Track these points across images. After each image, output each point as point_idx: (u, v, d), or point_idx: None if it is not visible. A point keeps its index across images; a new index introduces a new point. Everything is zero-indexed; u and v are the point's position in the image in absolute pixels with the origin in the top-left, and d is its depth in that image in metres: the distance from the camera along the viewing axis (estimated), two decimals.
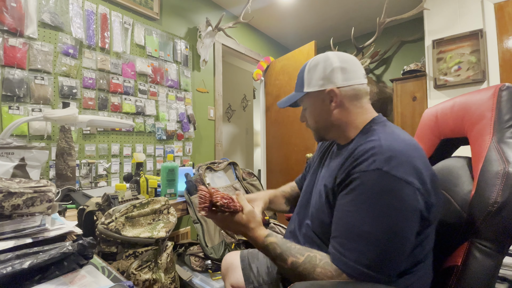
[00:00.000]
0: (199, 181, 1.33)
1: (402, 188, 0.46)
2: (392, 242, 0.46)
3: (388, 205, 0.46)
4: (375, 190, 0.47)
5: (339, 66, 0.61)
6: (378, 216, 0.46)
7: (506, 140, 0.50)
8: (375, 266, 0.46)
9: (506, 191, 0.44)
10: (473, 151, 0.57)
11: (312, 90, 0.63)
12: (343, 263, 0.48)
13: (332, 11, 2.63)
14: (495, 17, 1.85)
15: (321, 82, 0.62)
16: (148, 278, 0.78)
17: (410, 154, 0.49)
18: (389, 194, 0.46)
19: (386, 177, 0.46)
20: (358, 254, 0.47)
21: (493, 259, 0.46)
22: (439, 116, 0.72)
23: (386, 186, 0.46)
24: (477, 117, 0.57)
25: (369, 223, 0.47)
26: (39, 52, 1.35)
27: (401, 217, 0.46)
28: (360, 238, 0.47)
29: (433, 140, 0.74)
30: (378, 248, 0.46)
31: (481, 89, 0.60)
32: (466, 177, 0.59)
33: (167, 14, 2.02)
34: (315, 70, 0.63)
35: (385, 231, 0.46)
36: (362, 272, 0.46)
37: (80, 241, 0.49)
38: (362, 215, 0.48)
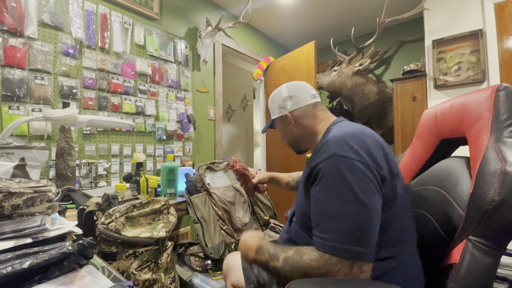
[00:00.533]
0: (199, 181, 1.33)
1: (356, 166, 0.53)
2: (359, 214, 0.51)
3: (347, 183, 0.52)
4: (334, 173, 0.54)
5: (287, 95, 0.78)
6: (342, 194, 0.52)
7: (504, 140, 0.51)
8: (351, 240, 0.50)
9: (504, 189, 0.45)
10: (472, 151, 0.58)
11: (275, 117, 0.82)
12: (323, 245, 0.52)
13: (332, 11, 2.63)
14: (495, 17, 1.85)
15: (279, 110, 0.80)
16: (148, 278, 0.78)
17: (358, 137, 0.57)
18: (347, 173, 0.53)
19: (340, 159, 0.54)
20: (333, 233, 0.51)
21: (491, 257, 0.47)
22: (438, 116, 0.73)
23: (342, 166, 0.53)
24: (475, 117, 0.58)
25: (336, 202, 0.53)
26: (39, 52, 1.35)
27: (361, 190, 0.51)
28: (332, 219, 0.52)
29: (432, 141, 0.75)
30: (349, 222, 0.51)
31: (479, 90, 0.60)
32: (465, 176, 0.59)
33: (167, 14, 2.02)
34: (273, 102, 0.82)
35: (351, 206, 0.51)
36: (340, 248, 0.50)
37: (80, 241, 0.49)
38: (329, 198, 0.54)
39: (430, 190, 0.69)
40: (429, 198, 0.68)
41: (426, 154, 0.77)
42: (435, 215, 0.64)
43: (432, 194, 0.67)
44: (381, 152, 0.57)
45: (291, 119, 0.77)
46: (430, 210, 0.66)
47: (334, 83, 2.67)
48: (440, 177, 0.67)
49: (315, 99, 0.78)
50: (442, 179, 0.66)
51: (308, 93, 0.78)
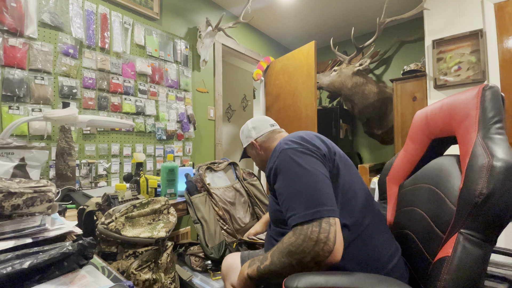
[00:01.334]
0: (199, 181, 1.33)
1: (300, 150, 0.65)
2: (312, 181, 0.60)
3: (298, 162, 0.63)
4: (285, 161, 0.65)
5: (251, 127, 0.99)
6: (296, 174, 0.62)
7: (491, 136, 0.53)
8: (311, 204, 0.57)
9: (491, 183, 0.47)
10: (461, 148, 0.61)
11: (245, 145, 1.01)
12: (294, 220, 0.58)
13: (332, 11, 2.63)
14: (495, 17, 1.85)
15: (247, 139, 0.99)
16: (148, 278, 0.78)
17: (296, 134, 0.70)
18: (294, 157, 0.64)
19: (287, 150, 0.66)
20: (298, 206, 0.59)
21: (482, 248, 0.49)
22: (429, 117, 0.76)
23: (290, 153, 0.65)
24: (463, 115, 0.61)
25: (294, 182, 0.62)
26: (39, 52, 1.35)
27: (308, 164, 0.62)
28: (295, 196, 0.60)
29: (424, 140, 0.78)
30: (306, 192, 0.59)
31: (467, 90, 0.63)
32: (456, 173, 0.61)
33: (167, 14, 2.02)
34: (242, 134, 1.03)
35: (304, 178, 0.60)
36: (306, 215, 0.56)
37: (80, 241, 0.49)
38: (288, 183, 0.63)
39: (423, 188, 0.71)
40: (422, 196, 0.70)
41: (419, 154, 0.80)
42: (429, 212, 0.65)
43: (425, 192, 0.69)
44: (317, 138, 0.70)
45: (256, 145, 0.96)
46: (423, 208, 0.68)
47: (334, 83, 2.67)
48: (432, 175, 0.70)
49: (273, 127, 0.98)
50: (434, 177, 0.68)
51: (268, 123, 0.98)
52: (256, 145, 0.96)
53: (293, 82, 2.58)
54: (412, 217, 0.71)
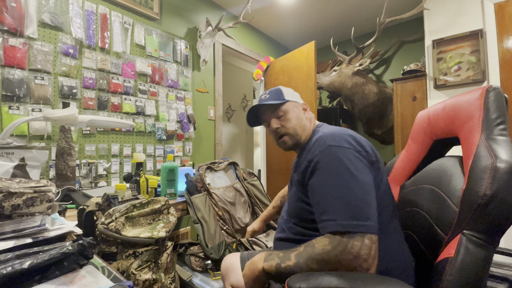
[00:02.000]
0: (199, 181, 1.33)
1: (350, 152, 0.60)
2: (361, 191, 0.56)
3: (345, 166, 0.58)
4: (332, 160, 0.60)
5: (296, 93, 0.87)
6: (342, 177, 0.57)
7: (494, 137, 0.53)
8: (358, 215, 0.54)
9: (495, 184, 0.47)
10: (464, 149, 0.60)
11: (291, 99, 0.82)
12: (334, 226, 0.55)
13: (332, 11, 2.63)
14: (495, 17, 1.85)
15: (296, 98, 0.84)
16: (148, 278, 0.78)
17: (345, 132, 0.66)
18: (343, 159, 0.59)
19: (336, 148, 0.61)
20: (341, 212, 0.55)
21: (485, 249, 0.49)
22: (431, 117, 0.76)
23: (339, 153, 0.60)
24: (466, 116, 0.61)
25: (339, 185, 0.57)
26: (39, 52, 1.35)
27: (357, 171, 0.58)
28: (338, 200, 0.56)
29: (426, 141, 0.78)
30: (353, 200, 0.55)
31: (470, 91, 0.64)
32: (458, 174, 0.61)
33: (167, 14, 2.02)
34: (287, 90, 0.85)
35: (352, 185, 0.56)
36: (350, 225, 0.53)
37: (80, 241, 0.49)
38: (331, 183, 0.59)
39: (425, 189, 0.70)
40: (424, 197, 0.70)
41: (420, 155, 0.80)
42: (431, 212, 0.65)
43: (427, 193, 0.69)
44: (367, 144, 0.66)
45: (306, 109, 0.83)
46: (425, 208, 0.68)
47: (334, 83, 2.67)
48: (434, 176, 0.69)
49: None
50: (436, 178, 0.68)
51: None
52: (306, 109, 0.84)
53: (293, 82, 2.58)
54: (413, 218, 0.71)
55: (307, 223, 0.68)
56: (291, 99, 0.82)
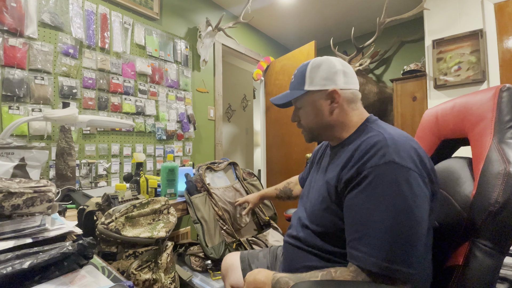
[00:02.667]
0: (199, 181, 1.33)
1: (414, 177, 0.48)
2: (413, 231, 0.45)
3: (405, 195, 0.46)
4: (390, 182, 0.47)
5: (341, 69, 0.64)
6: (396, 207, 0.46)
7: (507, 141, 0.50)
8: (404, 260, 0.45)
9: (507, 191, 0.44)
10: (474, 152, 0.58)
11: (313, 88, 0.64)
12: (368, 262, 0.46)
13: (332, 11, 2.63)
14: (495, 17, 1.85)
15: (324, 82, 0.63)
16: (148, 278, 0.78)
17: (412, 146, 0.52)
18: (404, 185, 0.47)
19: (398, 168, 0.48)
20: (382, 249, 0.45)
21: (494, 259, 0.46)
22: (439, 117, 0.72)
23: (400, 176, 0.47)
24: (478, 117, 0.57)
25: (391, 217, 0.46)
26: (39, 52, 1.35)
27: (418, 206, 0.46)
28: (382, 234, 0.46)
29: (433, 141, 0.75)
30: (405, 241, 0.45)
31: (481, 90, 0.60)
32: (467, 177, 0.59)
33: (167, 14, 2.02)
34: (318, 70, 0.65)
35: (405, 221, 0.46)
36: (389, 269, 0.44)
37: (80, 241, 0.49)
38: (382, 210, 0.47)
39: None
40: None
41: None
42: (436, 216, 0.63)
43: None
44: (429, 163, 0.52)
45: (338, 98, 0.63)
46: None
47: None
48: (441, 177, 0.67)
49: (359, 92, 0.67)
50: (443, 180, 0.65)
51: (356, 77, 0.66)
52: (338, 98, 0.63)
53: None
54: None
55: (334, 240, 0.58)
56: (313, 88, 0.64)
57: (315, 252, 0.61)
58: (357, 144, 0.56)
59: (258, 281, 0.57)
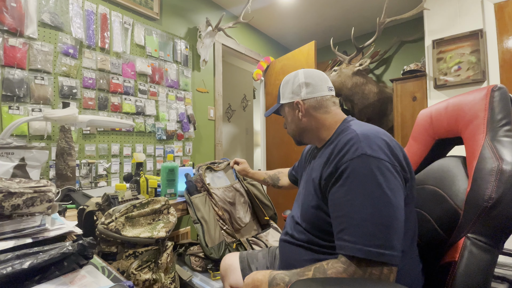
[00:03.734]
0: (199, 181, 1.33)
1: (386, 166, 0.51)
2: (392, 216, 0.49)
3: (379, 184, 0.50)
4: (364, 173, 0.51)
5: (304, 82, 0.72)
6: (374, 196, 0.50)
7: (499, 139, 0.52)
8: (386, 244, 0.48)
9: (501, 187, 0.46)
10: (467, 150, 0.59)
11: (285, 102, 0.76)
12: (353, 249, 0.49)
13: (332, 11, 2.63)
14: (495, 17, 1.85)
15: (291, 95, 0.74)
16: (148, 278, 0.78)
17: (383, 138, 0.56)
18: (378, 174, 0.51)
19: (371, 159, 0.52)
20: (365, 236, 0.49)
21: (489, 253, 0.48)
22: (433, 117, 0.74)
23: (373, 167, 0.51)
24: (471, 117, 0.59)
25: (369, 205, 0.50)
26: (39, 52, 1.35)
27: (392, 192, 0.50)
28: (363, 222, 0.49)
29: (428, 141, 0.77)
30: (382, 225, 0.48)
31: (474, 90, 0.62)
32: (461, 175, 0.60)
33: (167, 14, 2.02)
34: (286, 86, 0.76)
35: (383, 208, 0.49)
36: (373, 253, 0.47)
37: (80, 241, 0.49)
38: (360, 200, 0.51)
39: (427, 190, 0.69)
40: (426, 198, 0.69)
41: (422, 154, 0.79)
42: (433, 214, 0.64)
43: (429, 194, 0.68)
44: (401, 153, 0.56)
45: (302, 108, 0.71)
46: (427, 209, 0.67)
47: (334, 83, 2.67)
48: (436, 176, 0.68)
49: (331, 92, 0.72)
50: (438, 178, 0.67)
51: (326, 84, 0.72)
52: (302, 108, 0.71)
53: None
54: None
55: (324, 234, 0.62)
56: (285, 101, 0.75)
57: (308, 246, 0.65)
58: (335, 143, 0.61)
59: (256, 280, 0.58)
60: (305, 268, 0.54)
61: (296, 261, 0.66)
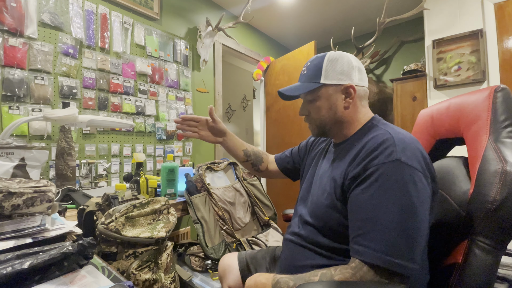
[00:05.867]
0: (199, 181, 1.33)
1: (419, 177, 0.49)
2: (416, 228, 0.47)
3: (410, 193, 0.48)
4: (396, 180, 0.49)
5: (357, 65, 0.64)
6: (402, 205, 0.47)
7: (503, 140, 0.51)
8: (405, 255, 0.46)
9: (505, 189, 0.46)
10: (470, 151, 0.58)
11: (330, 82, 0.63)
12: (372, 256, 0.47)
13: (332, 11, 2.63)
14: (495, 17, 1.85)
15: (341, 76, 0.63)
16: (148, 278, 0.78)
17: (417, 147, 0.53)
18: (410, 183, 0.48)
19: (405, 167, 0.49)
20: (385, 244, 0.46)
21: (493, 256, 0.47)
22: (434, 116, 0.73)
23: (406, 175, 0.48)
24: (473, 117, 0.58)
25: (395, 212, 0.47)
26: (39, 52, 1.35)
27: (420, 204, 0.48)
28: (387, 229, 0.47)
29: (428, 141, 0.76)
30: (408, 236, 0.46)
31: (476, 90, 0.61)
32: (463, 176, 0.60)
33: (167, 14, 2.02)
34: (336, 63, 0.63)
35: (410, 218, 0.47)
36: (391, 263, 0.45)
37: (80, 241, 0.49)
38: (387, 206, 0.48)
39: None
40: None
41: None
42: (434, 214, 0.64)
43: None
44: (431, 164, 0.54)
45: (353, 94, 0.62)
46: None
47: None
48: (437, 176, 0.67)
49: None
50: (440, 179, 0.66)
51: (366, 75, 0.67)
52: (352, 94, 0.62)
53: (293, 82, 2.57)
54: None
55: (336, 236, 0.58)
56: (329, 81, 0.63)
57: (316, 250, 0.61)
58: (363, 142, 0.57)
59: (259, 283, 0.57)
60: (310, 273, 0.53)
61: (302, 265, 0.62)
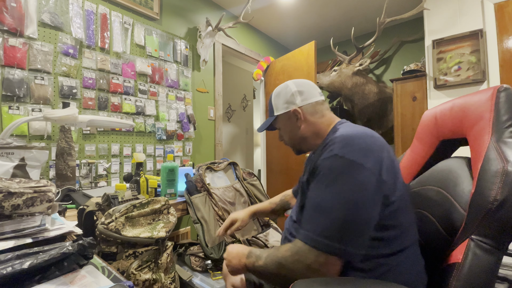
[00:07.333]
0: (199, 181, 1.33)
1: (354, 168, 0.54)
2: (350, 214, 0.52)
3: (343, 183, 0.54)
4: (331, 171, 0.56)
5: (296, 90, 0.75)
6: (336, 193, 0.54)
7: (505, 140, 0.51)
8: (336, 237, 0.51)
9: (506, 189, 0.46)
10: (473, 151, 0.58)
11: (280, 113, 0.76)
12: (304, 236, 0.54)
13: (332, 11, 2.63)
14: (495, 17, 1.85)
15: (286, 105, 0.75)
16: (148, 278, 0.78)
17: (363, 140, 0.57)
18: (344, 174, 0.54)
19: (340, 160, 0.55)
20: (320, 226, 0.53)
21: (494, 255, 0.47)
22: (438, 117, 0.73)
23: (340, 167, 0.55)
24: (476, 117, 0.58)
25: (329, 199, 0.54)
26: (39, 52, 1.35)
27: (356, 192, 0.53)
28: (322, 214, 0.54)
29: (432, 141, 0.76)
30: (338, 220, 0.52)
31: (479, 91, 0.61)
32: (466, 176, 0.60)
33: (167, 14, 2.02)
34: (279, 97, 0.77)
35: (343, 205, 0.52)
36: (322, 244, 0.52)
37: (80, 241, 0.49)
38: (323, 194, 0.56)
39: (430, 191, 0.69)
40: (430, 199, 0.68)
41: (426, 155, 0.78)
42: (436, 215, 0.64)
43: (433, 194, 0.67)
44: (384, 154, 0.57)
45: (300, 115, 0.73)
46: (431, 210, 0.66)
47: (334, 83, 2.67)
48: (440, 177, 0.68)
49: (322, 97, 0.76)
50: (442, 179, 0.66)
51: (316, 90, 0.76)
52: (300, 115, 0.73)
53: None
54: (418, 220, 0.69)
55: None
56: (280, 112, 0.76)
57: None
58: (323, 144, 0.65)
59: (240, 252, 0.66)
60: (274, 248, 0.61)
61: None
